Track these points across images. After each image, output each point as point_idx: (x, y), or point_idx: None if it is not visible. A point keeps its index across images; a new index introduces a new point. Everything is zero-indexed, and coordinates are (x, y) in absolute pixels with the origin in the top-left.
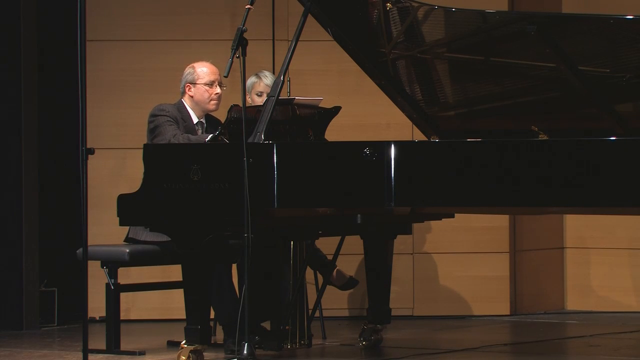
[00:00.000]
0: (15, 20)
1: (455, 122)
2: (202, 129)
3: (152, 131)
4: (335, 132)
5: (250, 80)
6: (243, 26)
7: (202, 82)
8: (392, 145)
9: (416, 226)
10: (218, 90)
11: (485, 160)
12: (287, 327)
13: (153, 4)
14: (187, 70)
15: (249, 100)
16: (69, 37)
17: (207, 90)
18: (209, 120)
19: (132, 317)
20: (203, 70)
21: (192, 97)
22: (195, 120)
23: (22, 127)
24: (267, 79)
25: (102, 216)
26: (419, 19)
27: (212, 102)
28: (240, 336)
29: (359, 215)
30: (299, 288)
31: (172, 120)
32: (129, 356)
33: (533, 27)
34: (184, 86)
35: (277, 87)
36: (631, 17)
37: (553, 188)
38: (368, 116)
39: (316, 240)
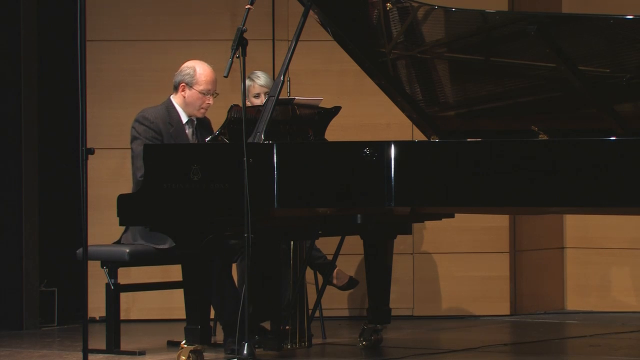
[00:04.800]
0: (16, 20)
1: (455, 122)
2: (191, 127)
3: (134, 139)
4: (335, 132)
5: (245, 84)
6: (243, 26)
7: (199, 88)
8: (392, 145)
9: (416, 226)
10: (211, 100)
11: (485, 161)
12: (287, 327)
13: (153, 4)
14: (187, 70)
15: (247, 103)
16: (69, 37)
17: (200, 98)
18: (199, 120)
19: (132, 317)
20: (202, 77)
21: (184, 97)
22: (184, 119)
23: (22, 127)
24: (260, 79)
25: (102, 216)
26: (419, 19)
27: (202, 110)
28: (240, 336)
29: (359, 215)
30: (299, 288)
31: (157, 138)
32: (129, 356)
33: (533, 27)
34: (179, 84)
35: (277, 87)
36: (631, 17)
37: (553, 188)
38: (368, 116)
39: (316, 240)
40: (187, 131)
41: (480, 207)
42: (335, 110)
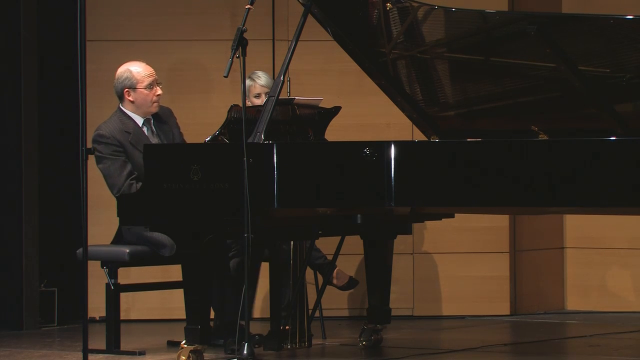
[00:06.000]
0: (16, 20)
1: (455, 122)
2: (149, 126)
3: (98, 160)
4: (335, 132)
5: (246, 84)
6: (243, 26)
7: (142, 86)
8: (392, 145)
9: (416, 226)
10: (159, 91)
11: (485, 161)
12: (287, 327)
13: (153, 4)
14: (123, 75)
15: (248, 103)
16: (69, 37)
17: (149, 94)
18: (155, 116)
19: (132, 317)
20: (141, 74)
21: (132, 102)
22: (140, 121)
23: (22, 126)
24: (261, 79)
25: (101, 216)
26: (419, 18)
27: (155, 104)
28: (240, 336)
29: (359, 215)
30: (299, 288)
31: (120, 150)
32: (129, 356)
33: (533, 27)
34: (122, 92)
35: (277, 87)
36: (631, 17)
37: (553, 188)
38: (368, 116)
39: (316, 240)
40: (146, 133)
41: (480, 207)
42: (335, 110)
